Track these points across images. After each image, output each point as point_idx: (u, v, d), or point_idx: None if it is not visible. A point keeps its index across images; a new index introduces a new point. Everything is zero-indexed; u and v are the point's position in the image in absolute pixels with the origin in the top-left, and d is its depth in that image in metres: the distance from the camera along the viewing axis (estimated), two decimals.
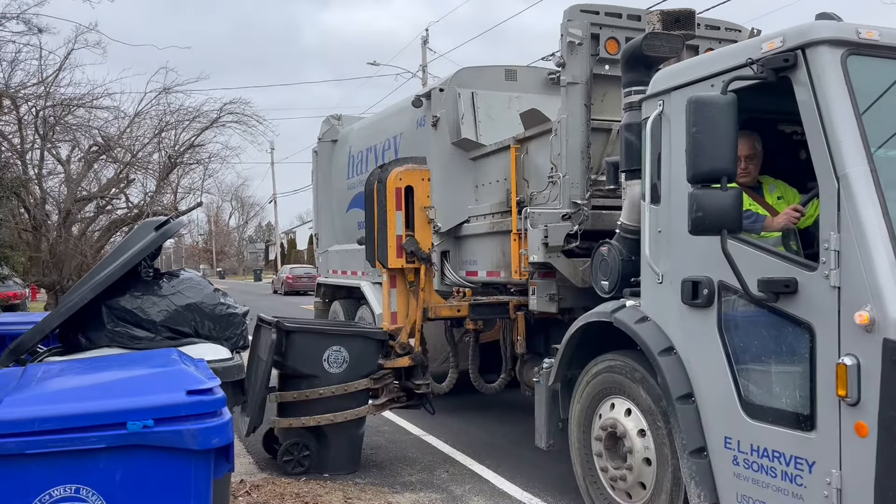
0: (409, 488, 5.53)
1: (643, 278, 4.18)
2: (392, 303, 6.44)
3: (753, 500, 3.45)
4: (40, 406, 2.33)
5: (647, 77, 4.30)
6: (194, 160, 19.80)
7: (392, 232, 6.28)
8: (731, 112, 3.18)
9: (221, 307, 3.75)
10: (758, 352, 3.49)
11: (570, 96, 5.37)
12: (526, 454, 6.39)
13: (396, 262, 6.32)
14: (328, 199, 10.84)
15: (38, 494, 2.25)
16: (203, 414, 2.38)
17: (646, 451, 4.05)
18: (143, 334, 3.51)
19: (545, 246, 5.25)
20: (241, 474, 5.61)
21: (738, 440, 3.51)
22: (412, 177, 6.36)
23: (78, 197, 17.00)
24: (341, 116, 10.87)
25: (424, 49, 30.98)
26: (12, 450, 2.22)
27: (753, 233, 3.70)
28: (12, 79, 14.27)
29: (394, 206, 6.30)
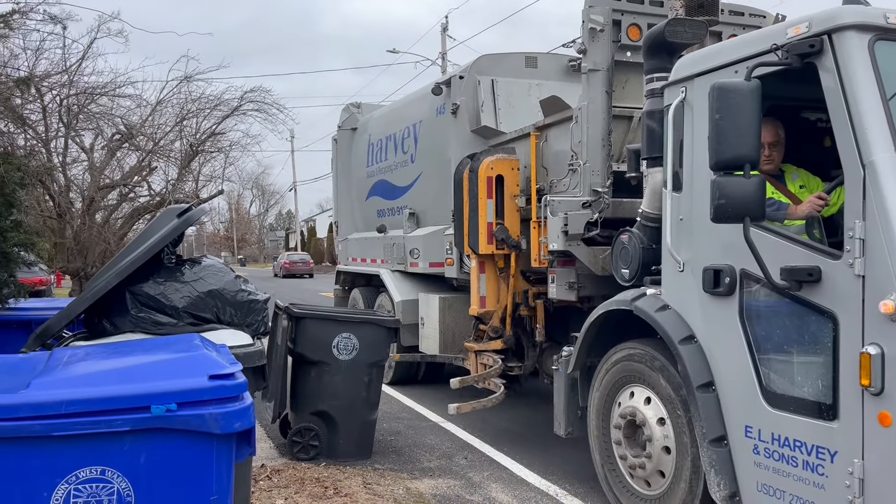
0: (427, 474, 5.57)
1: (664, 266, 4.16)
2: (481, 287, 6.54)
3: (774, 490, 3.43)
4: (67, 389, 2.37)
5: (669, 64, 4.26)
6: (215, 148, 19.94)
7: (483, 219, 6.33)
8: (755, 98, 3.14)
9: (243, 294, 3.79)
10: (780, 341, 3.46)
11: (591, 83, 5.33)
12: (544, 442, 6.40)
13: (487, 248, 6.38)
14: (348, 187, 10.82)
15: (65, 475, 2.29)
16: (225, 398, 2.42)
17: (665, 440, 4.04)
18: (166, 320, 3.55)
19: (565, 234, 5.23)
20: (262, 459, 5.68)
21: (758, 429, 3.49)
22: (503, 166, 6.35)
23: (101, 185, 17.19)
24: (361, 104, 10.84)
25: (444, 36, 30.87)
26: (39, 432, 2.26)
27: (776, 221, 3.66)
28: (37, 67, 14.45)
29: (485, 195, 6.33)
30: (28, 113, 13.95)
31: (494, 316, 6.47)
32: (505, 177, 6.34)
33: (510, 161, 6.40)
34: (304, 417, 5.87)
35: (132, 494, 2.35)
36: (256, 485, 5.00)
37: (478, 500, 5.04)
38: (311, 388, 5.85)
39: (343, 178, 10.97)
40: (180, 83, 17.90)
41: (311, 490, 4.99)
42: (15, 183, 5.03)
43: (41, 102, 14.75)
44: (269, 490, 4.97)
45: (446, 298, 7.66)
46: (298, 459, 5.72)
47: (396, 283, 8.63)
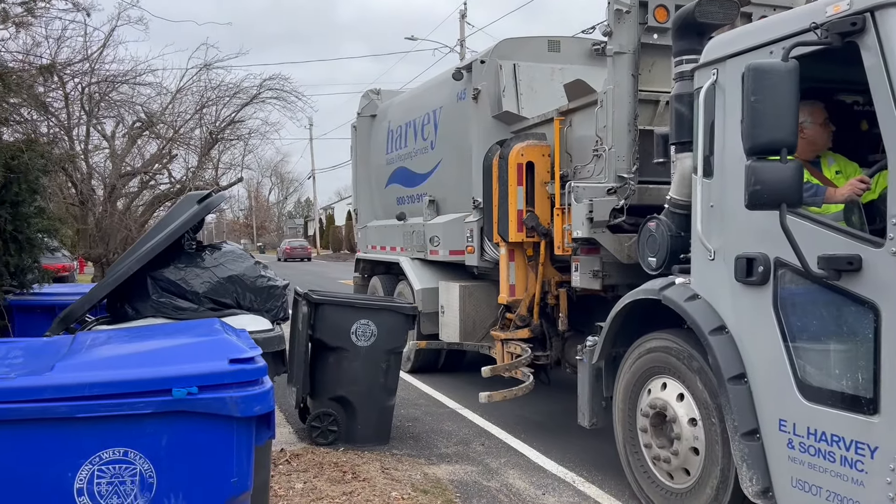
0: (445, 460, 5.59)
1: (693, 255, 4.06)
2: (510, 275, 6.42)
3: (810, 486, 3.33)
4: (90, 372, 2.40)
5: (699, 45, 4.15)
6: (235, 136, 20.05)
7: (513, 207, 6.23)
8: (792, 80, 3.02)
9: (262, 279, 3.82)
10: (816, 332, 3.34)
11: (616, 66, 5.23)
12: (561, 429, 6.40)
13: (517, 236, 6.26)
14: (367, 175, 10.72)
15: (88, 456, 2.33)
16: (245, 382, 2.43)
17: (695, 441, 3.94)
18: (187, 305, 3.59)
19: (590, 221, 5.15)
20: (282, 443, 5.73)
21: (793, 423, 3.39)
22: (533, 152, 6.21)
23: (122, 172, 17.34)
24: (380, 91, 10.70)
25: (462, 23, 30.71)
26: (64, 413, 2.30)
27: (814, 206, 3.54)
28: (58, 56, 14.57)
29: (515, 181, 6.21)
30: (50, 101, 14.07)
31: (522, 304, 6.38)
32: (535, 163, 6.20)
33: (541, 147, 6.25)
34: (322, 403, 5.91)
35: (154, 476, 2.38)
36: (276, 469, 5.05)
37: (495, 486, 5.05)
38: (329, 373, 5.89)
39: (362, 165, 10.86)
40: (200, 71, 18.01)
41: (329, 474, 5.03)
42: (38, 170, 5.09)
43: (63, 90, 14.87)
44: (289, 474, 5.02)
45: (467, 286, 7.57)
46: (317, 444, 5.77)
47: (416, 271, 8.55)
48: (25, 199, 5.05)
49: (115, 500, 2.36)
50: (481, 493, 4.91)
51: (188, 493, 2.41)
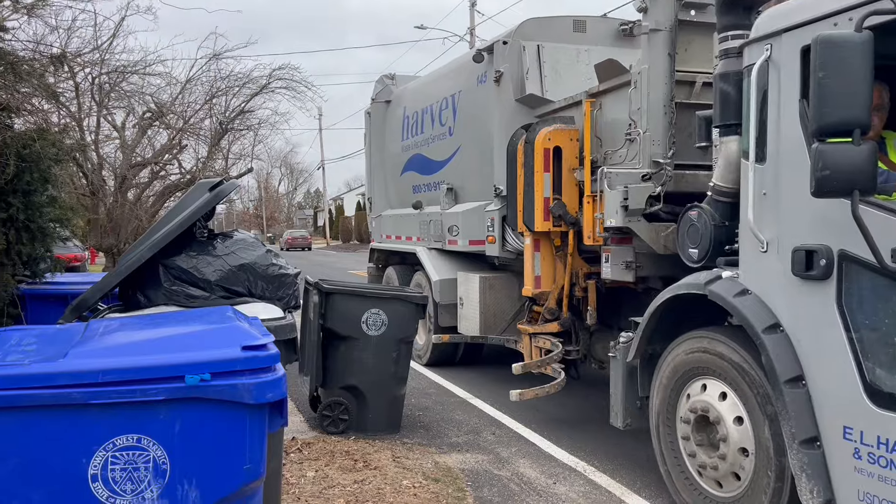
0: (455, 449, 5.60)
1: (743, 246, 3.78)
2: (535, 267, 6.15)
3: (880, 500, 3.06)
4: (103, 359, 2.40)
5: (746, 20, 3.87)
6: (244, 126, 19.99)
7: (539, 194, 5.91)
8: (866, 53, 2.73)
9: (274, 268, 3.82)
10: (889, 331, 3.05)
11: (652, 45, 4.95)
12: (571, 419, 6.39)
13: (543, 225, 5.94)
14: (381, 162, 10.46)
15: (102, 443, 2.34)
16: (258, 369, 2.44)
17: (743, 441, 3.70)
18: (199, 293, 3.59)
19: (624, 209, 4.86)
20: (293, 432, 5.75)
21: (860, 431, 3.12)
22: (561, 137, 5.86)
23: (133, 163, 17.37)
24: (395, 76, 10.39)
25: (472, 11, 30.57)
26: (77, 399, 2.30)
27: (885, 194, 3.22)
28: (68, 46, 14.58)
29: (542, 168, 5.88)
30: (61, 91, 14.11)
31: (550, 297, 6.12)
32: (563, 148, 5.88)
33: (569, 132, 5.91)
34: (333, 392, 5.92)
35: (167, 462, 2.39)
36: (287, 457, 5.07)
37: (506, 474, 5.05)
38: (340, 362, 5.90)
39: (376, 152, 10.59)
40: (209, 61, 17.96)
41: (340, 463, 5.05)
42: (50, 159, 5.10)
43: (74, 81, 14.88)
44: (300, 462, 5.04)
45: (487, 278, 7.34)
46: (328, 433, 5.79)
47: (433, 262, 8.32)
48: (37, 189, 5.07)
49: (129, 486, 2.37)
50: (492, 481, 4.91)
51: (201, 479, 2.42)
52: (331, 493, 4.50)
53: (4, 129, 4.78)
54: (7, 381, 2.30)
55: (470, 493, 4.68)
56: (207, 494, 2.43)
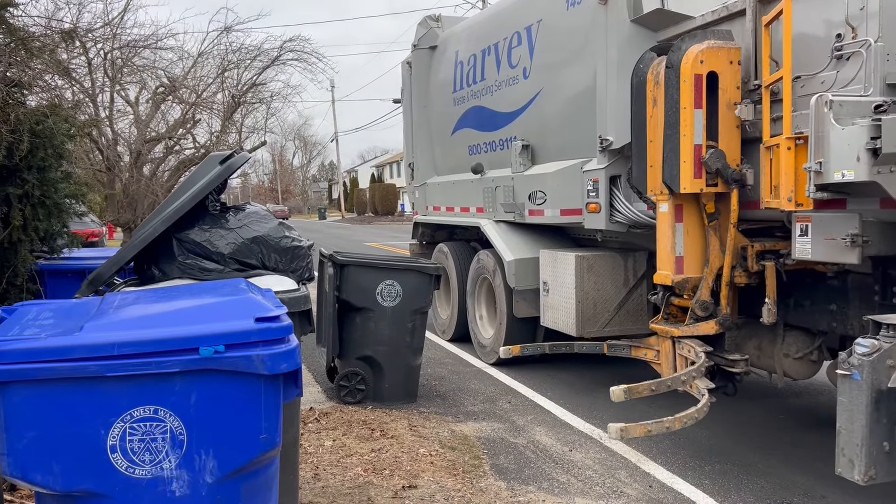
0: (471, 417, 5.64)
1: None
2: (678, 244, 4.59)
3: None
4: (119, 332, 2.42)
5: None
6: (257, 99, 19.95)
7: (688, 141, 4.36)
8: None
9: (287, 240, 3.82)
10: None
11: None
12: (587, 387, 6.41)
13: (694, 184, 4.39)
14: (425, 121, 9.02)
15: (120, 414, 2.36)
16: (271, 340, 2.44)
17: None
18: (213, 266, 3.61)
19: (872, 154, 3.31)
20: (311, 402, 5.82)
21: None
22: (717, 58, 4.35)
23: (147, 138, 17.41)
24: (440, 17, 8.94)
25: None
26: (94, 372, 2.33)
27: None
28: (79, 21, 14.56)
29: (691, 102, 4.34)
30: (74, 67, 14.12)
31: (702, 286, 4.61)
32: (721, 75, 4.37)
33: (728, 50, 4.38)
34: (350, 362, 5.98)
35: (184, 433, 2.41)
36: (305, 427, 5.13)
37: (522, 442, 5.09)
38: (356, 333, 5.94)
39: (419, 109, 9.11)
40: (220, 34, 17.89)
41: (358, 432, 5.10)
42: (63, 134, 5.11)
43: (86, 57, 14.88)
44: (318, 432, 5.10)
45: (585, 257, 5.86)
46: (345, 403, 5.85)
47: (505, 238, 6.89)
48: (52, 165, 5.08)
49: (148, 457, 2.40)
50: (508, 449, 4.95)
51: (218, 449, 2.44)
52: (348, 462, 4.56)
53: (17, 106, 4.78)
54: (25, 354, 2.33)
55: (486, 460, 4.73)
56: (224, 464, 2.45)
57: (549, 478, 4.46)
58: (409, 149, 9.67)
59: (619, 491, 4.26)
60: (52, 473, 2.35)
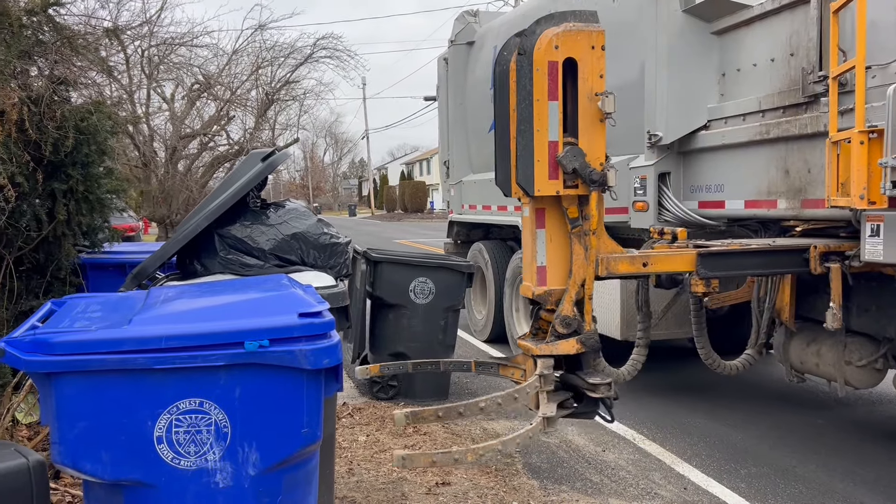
0: (503, 416, 5.64)
1: None
2: (539, 252, 4.18)
3: None
4: (166, 325, 2.47)
5: None
6: (290, 96, 20.15)
7: (542, 137, 3.91)
8: None
9: (325, 237, 3.86)
10: None
11: None
12: (619, 388, 6.36)
13: (549, 185, 3.98)
14: (462, 118, 8.89)
15: (167, 406, 2.41)
16: (314, 335, 2.47)
17: None
18: (253, 262, 3.66)
19: None
20: (344, 398, 5.87)
21: None
22: (577, 43, 3.86)
23: (182, 134, 17.68)
24: (478, 12, 8.88)
25: None
26: (142, 364, 2.38)
27: None
28: (118, 19, 14.82)
29: (545, 93, 3.88)
30: (113, 64, 14.39)
31: (565, 299, 4.16)
32: (580, 62, 3.90)
33: (590, 34, 3.92)
34: (382, 358, 6.02)
35: (228, 425, 2.46)
36: (339, 422, 5.18)
37: (554, 441, 5.08)
38: (389, 330, 5.98)
39: (455, 106, 9.00)
40: (255, 32, 18.11)
41: (391, 428, 5.14)
42: (106, 131, 5.22)
43: (125, 54, 15.15)
44: (352, 427, 5.14)
45: None
46: (378, 399, 5.89)
47: None
48: (95, 161, 5.20)
49: (193, 448, 2.44)
50: (540, 448, 4.95)
51: (261, 442, 2.48)
52: (382, 458, 4.60)
53: (63, 103, 4.90)
54: (76, 346, 2.39)
55: (518, 459, 4.73)
56: (267, 457, 2.49)
57: (582, 478, 4.45)
58: (444, 146, 9.59)
59: (654, 493, 4.24)
60: (101, 462, 2.40)
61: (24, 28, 4.86)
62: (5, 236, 4.69)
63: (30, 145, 4.60)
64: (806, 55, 4.27)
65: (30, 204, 4.82)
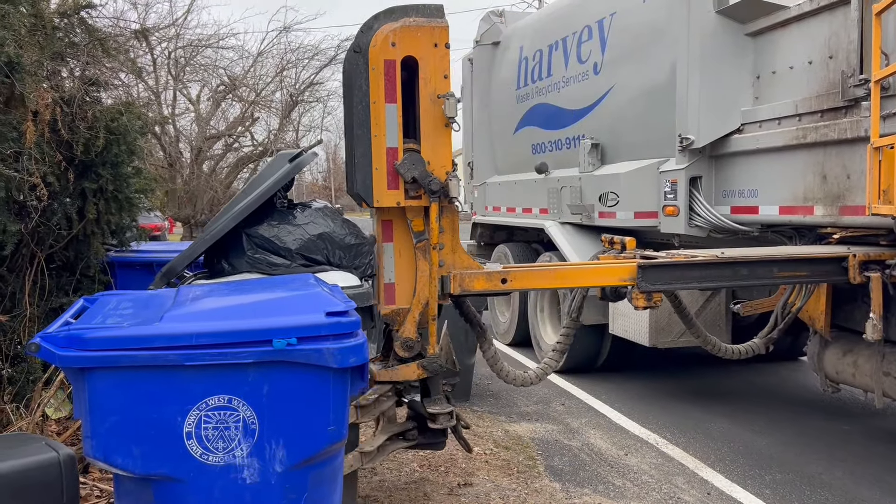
0: (525, 418, 5.64)
1: None
2: (387, 268, 3.85)
3: None
4: (196, 322, 2.51)
5: None
6: (314, 98, 20.30)
7: (380, 143, 3.61)
8: None
9: (350, 237, 3.89)
10: None
11: None
12: (642, 392, 6.34)
13: (389, 195, 3.66)
14: (486, 119, 8.84)
15: (196, 402, 2.45)
16: (341, 334, 2.50)
17: None
18: (280, 261, 3.70)
19: None
20: None
21: None
22: (417, 40, 3.55)
23: (207, 135, 17.87)
24: (503, 12, 8.78)
25: None
26: (174, 361, 2.42)
27: None
28: (146, 21, 15.05)
29: (381, 95, 3.57)
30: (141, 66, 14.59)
31: (407, 319, 3.82)
32: (421, 61, 3.56)
33: (431, 30, 3.56)
34: None
35: (256, 422, 2.49)
36: None
37: (576, 444, 5.07)
38: None
39: (480, 107, 8.95)
40: (279, 34, 18.30)
41: None
42: (135, 131, 5.30)
43: (152, 55, 15.37)
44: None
45: None
46: None
47: (571, 240, 6.60)
48: (124, 160, 5.27)
49: (221, 444, 2.48)
50: (562, 451, 4.94)
51: (288, 439, 2.51)
52: (404, 458, 4.61)
53: (94, 104, 4.98)
54: (108, 342, 2.44)
55: (540, 461, 4.73)
56: (293, 454, 2.52)
57: (604, 481, 4.44)
58: (468, 147, 9.53)
59: (677, 497, 4.22)
60: (131, 457, 2.45)
61: (56, 30, 4.95)
62: (37, 234, 4.78)
63: (62, 145, 4.68)
64: (846, 58, 4.17)
65: (60, 203, 4.91)
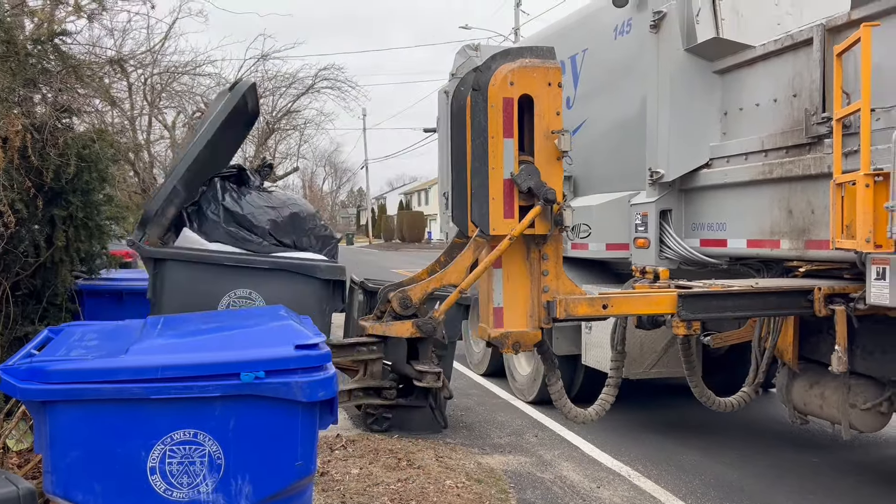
0: (498, 450, 5.60)
1: None
2: (496, 292, 4.02)
3: None
4: (163, 355, 2.49)
5: None
6: (291, 126, 20.36)
7: (497, 174, 3.85)
8: None
9: (320, 228, 3.98)
10: None
11: None
12: (615, 424, 6.34)
13: (505, 224, 3.92)
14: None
15: (160, 437, 2.41)
16: (310, 368, 2.49)
17: None
18: (253, 238, 3.76)
19: None
20: (338, 429, 5.82)
21: None
22: (532, 79, 3.83)
23: None
24: (479, 46, 8.88)
25: (517, 11, 30.53)
26: (138, 394, 2.38)
27: None
28: (123, 48, 15.01)
29: (500, 130, 3.85)
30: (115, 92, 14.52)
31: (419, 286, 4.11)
32: (536, 99, 3.86)
33: (546, 70, 3.87)
34: None
35: (222, 457, 2.45)
36: (332, 454, 5.14)
37: (549, 477, 5.04)
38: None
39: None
40: (257, 62, 18.36)
41: (384, 461, 5.10)
42: (108, 159, 5.27)
43: (127, 81, 15.31)
44: (345, 459, 5.10)
45: None
46: (372, 431, 5.84)
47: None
48: (95, 188, 5.23)
49: (186, 480, 2.44)
50: (535, 484, 4.91)
51: (254, 474, 2.48)
52: (375, 491, 4.55)
53: (66, 131, 4.95)
54: (72, 374, 2.40)
55: (513, 494, 4.69)
56: (260, 489, 2.49)
57: None
58: (443, 178, 9.52)
59: None
60: (93, 493, 2.40)
61: (29, 56, 4.93)
62: (3, 262, 4.71)
63: (31, 172, 4.64)
64: (809, 96, 4.28)
65: (28, 230, 4.84)
